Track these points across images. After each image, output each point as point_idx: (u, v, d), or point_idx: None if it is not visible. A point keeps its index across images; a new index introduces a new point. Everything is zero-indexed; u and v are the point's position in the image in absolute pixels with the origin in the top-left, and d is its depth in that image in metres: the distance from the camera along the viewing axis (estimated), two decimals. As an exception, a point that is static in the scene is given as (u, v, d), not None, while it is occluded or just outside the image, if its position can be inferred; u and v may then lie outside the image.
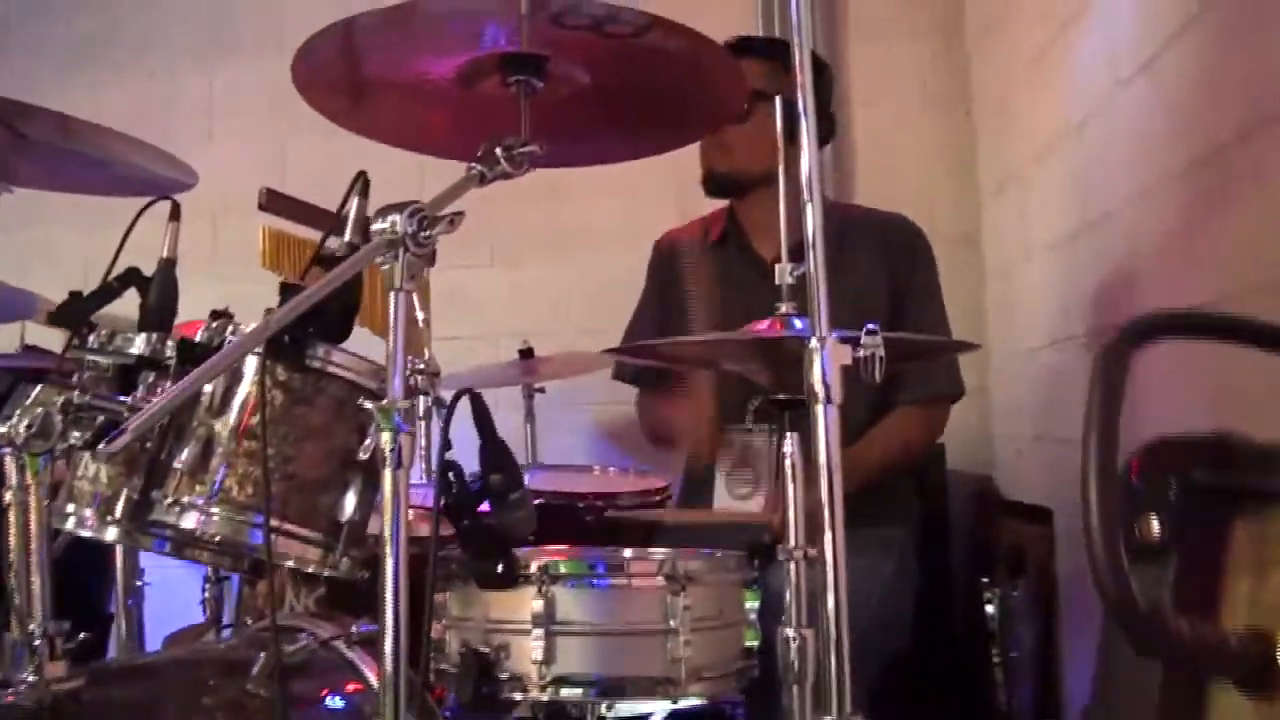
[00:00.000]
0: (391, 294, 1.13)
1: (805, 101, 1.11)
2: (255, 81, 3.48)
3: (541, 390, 2.96)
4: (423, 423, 2.59)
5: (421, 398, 2.60)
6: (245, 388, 1.31)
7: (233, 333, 1.31)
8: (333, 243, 1.31)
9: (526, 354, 2.95)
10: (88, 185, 1.84)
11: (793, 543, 1.31)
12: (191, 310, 1.75)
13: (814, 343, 1.09)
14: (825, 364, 1.07)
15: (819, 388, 1.07)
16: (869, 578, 1.80)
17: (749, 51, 1.99)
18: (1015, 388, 3.22)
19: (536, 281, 3.50)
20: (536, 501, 2.40)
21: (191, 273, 1.44)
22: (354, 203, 1.27)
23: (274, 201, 2.17)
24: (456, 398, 1.33)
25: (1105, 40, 2.27)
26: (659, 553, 1.48)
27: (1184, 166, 1.87)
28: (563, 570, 1.36)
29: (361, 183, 1.29)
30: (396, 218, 1.11)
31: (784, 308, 1.36)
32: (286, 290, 1.25)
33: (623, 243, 2.89)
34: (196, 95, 3.76)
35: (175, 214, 1.45)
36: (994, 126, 3.29)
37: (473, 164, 1.22)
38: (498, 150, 1.22)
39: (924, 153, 3.50)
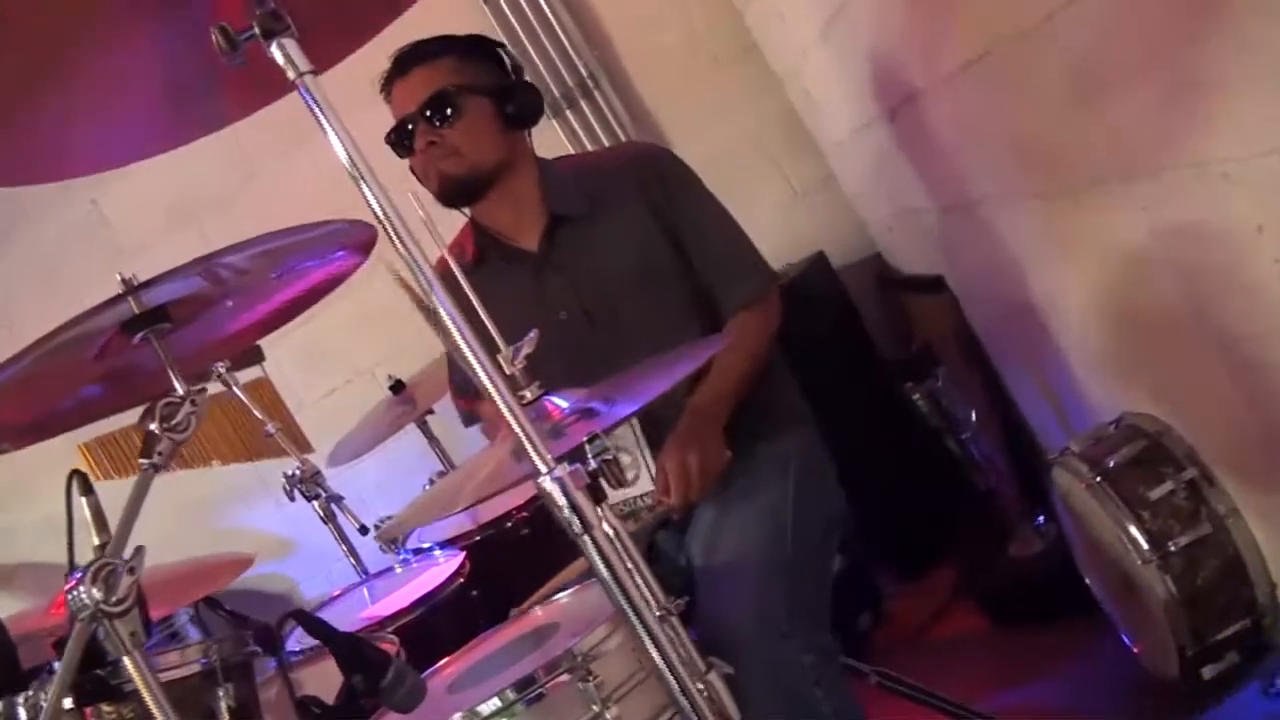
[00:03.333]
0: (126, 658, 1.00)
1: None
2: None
3: (431, 412, 2.90)
4: (328, 526, 2.55)
5: (313, 502, 2.55)
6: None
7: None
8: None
9: (397, 388, 2.87)
10: None
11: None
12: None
13: (545, 482, 1.01)
14: (569, 496, 1.00)
15: (574, 524, 1.01)
16: (774, 507, 1.77)
17: (427, 58, 1.86)
18: (855, 174, 3.16)
19: (372, 304, 3.37)
20: (475, 541, 2.40)
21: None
22: (79, 503, 1.15)
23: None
24: (280, 622, 1.25)
25: None
26: (557, 650, 1.40)
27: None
28: (486, 713, 1.32)
29: (79, 483, 1.16)
30: (82, 592, 0.99)
31: (528, 393, 1.24)
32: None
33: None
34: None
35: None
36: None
37: (141, 459, 1.08)
38: (154, 428, 1.06)
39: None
